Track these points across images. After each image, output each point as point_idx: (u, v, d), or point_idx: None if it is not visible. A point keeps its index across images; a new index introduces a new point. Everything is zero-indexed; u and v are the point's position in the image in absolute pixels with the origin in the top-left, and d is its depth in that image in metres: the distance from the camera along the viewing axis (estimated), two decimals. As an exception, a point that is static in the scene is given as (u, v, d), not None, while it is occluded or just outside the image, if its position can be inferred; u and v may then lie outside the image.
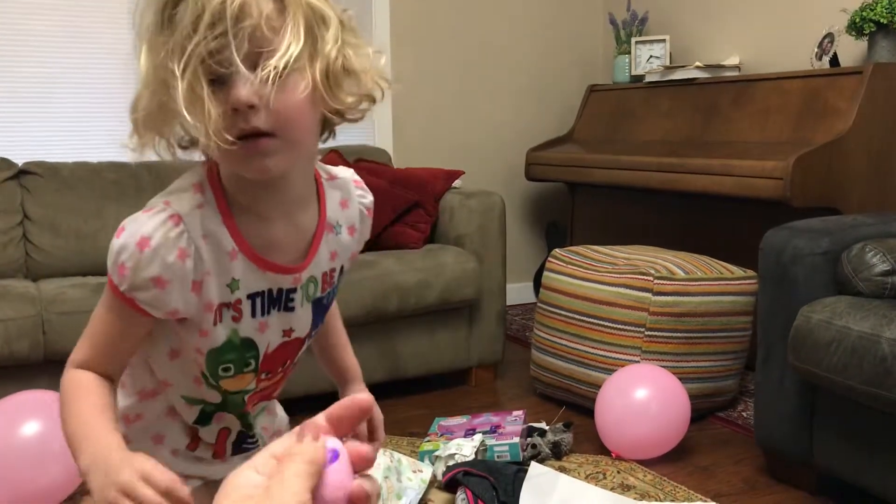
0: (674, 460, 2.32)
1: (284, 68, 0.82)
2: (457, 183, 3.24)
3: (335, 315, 1.21)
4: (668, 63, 3.71)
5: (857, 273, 1.99)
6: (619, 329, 2.53)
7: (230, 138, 0.83)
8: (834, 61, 3.02)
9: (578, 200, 4.06)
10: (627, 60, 3.89)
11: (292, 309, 1.00)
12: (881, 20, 2.80)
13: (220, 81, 0.83)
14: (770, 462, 2.24)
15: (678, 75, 3.50)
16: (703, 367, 2.56)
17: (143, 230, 0.89)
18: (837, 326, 1.86)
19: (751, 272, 2.61)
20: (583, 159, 3.68)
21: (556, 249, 2.88)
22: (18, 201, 2.73)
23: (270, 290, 0.97)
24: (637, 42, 3.84)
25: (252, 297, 0.96)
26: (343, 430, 0.55)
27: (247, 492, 0.50)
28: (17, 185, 2.76)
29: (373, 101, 0.93)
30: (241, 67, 0.81)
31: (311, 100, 0.86)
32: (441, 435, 2.36)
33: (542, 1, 4.16)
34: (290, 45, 0.82)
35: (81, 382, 0.95)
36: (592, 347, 2.58)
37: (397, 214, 3.04)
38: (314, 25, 0.85)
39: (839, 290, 2.03)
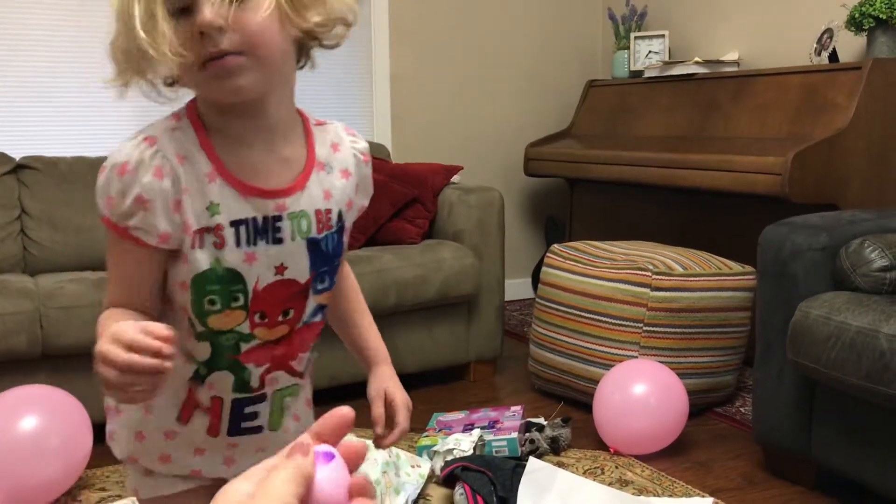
0: (672, 455, 2.32)
1: None
2: (455, 178, 3.24)
3: (354, 289, 1.18)
4: (667, 58, 3.71)
5: (856, 268, 1.99)
6: (618, 324, 2.53)
7: (187, 54, 0.85)
8: (833, 57, 3.01)
9: (577, 196, 4.06)
10: (626, 56, 3.89)
11: (281, 241, 0.96)
12: (880, 15, 2.80)
13: (186, 11, 0.86)
14: (768, 457, 2.24)
15: (677, 71, 3.50)
16: (701, 363, 2.56)
17: (119, 158, 0.91)
18: (836, 322, 1.86)
19: (749, 268, 2.61)
20: (582, 155, 3.68)
21: (555, 245, 2.88)
22: (16, 196, 2.73)
23: (255, 219, 0.95)
24: (636, 37, 3.84)
25: (236, 224, 0.94)
26: (332, 442, 0.56)
27: (236, 499, 0.51)
28: (15, 179, 2.75)
29: (346, 24, 0.94)
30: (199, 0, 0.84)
31: (278, 18, 0.88)
32: (439, 430, 2.36)
33: (541, -4, 4.15)
34: None
35: (106, 314, 0.94)
36: (590, 343, 2.58)
37: (396, 210, 3.04)
38: None
39: (838, 285, 2.03)
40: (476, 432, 2.24)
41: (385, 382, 1.16)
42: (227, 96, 0.90)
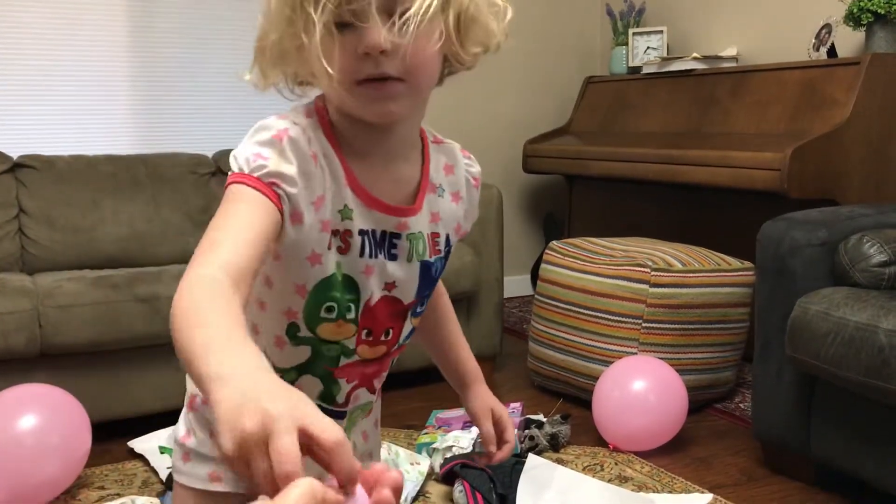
0: (671, 452, 2.32)
1: (423, 16, 0.82)
2: (454, 175, 3.23)
3: (447, 305, 1.18)
4: (665, 54, 3.70)
5: (855, 264, 1.98)
6: (617, 321, 2.53)
7: (351, 73, 0.83)
8: (832, 52, 3.01)
9: (576, 192, 4.05)
10: (625, 52, 3.88)
11: (395, 258, 0.95)
12: (879, 10, 2.79)
13: (348, 25, 0.83)
14: (768, 453, 2.24)
15: (675, 66, 3.49)
16: (700, 359, 2.56)
17: (278, 126, 0.87)
18: (835, 317, 1.86)
19: (748, 263, 2.61)
20: (580, 151, 3.67)
21: (554, 242, 2.88)
22: (14, 195, 2.72)
23: (375, 231, 0.93)
24: (634, 33, 3.83)
25: (363, 233, 0.93)
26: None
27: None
28: (13, 178, 2.74)
29: (486, 49, 0.96)
30: (377, 18, 0.81)
31: (440, 48, 0.87)
32: (439, 427, 2.36)
33: (539, -8, 4.14)
34: None
35: (204, 280, 0.73)
36: (590, 339, 2.58)
37: (394, 207, 3.04)
38: None
39: (836, 281, 2.03)
40: (475, 429, 2.24)
41: (490, 401, 1.18)
42: (376, 118, 0.88)
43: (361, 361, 0.99)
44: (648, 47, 3.78)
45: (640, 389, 2.29)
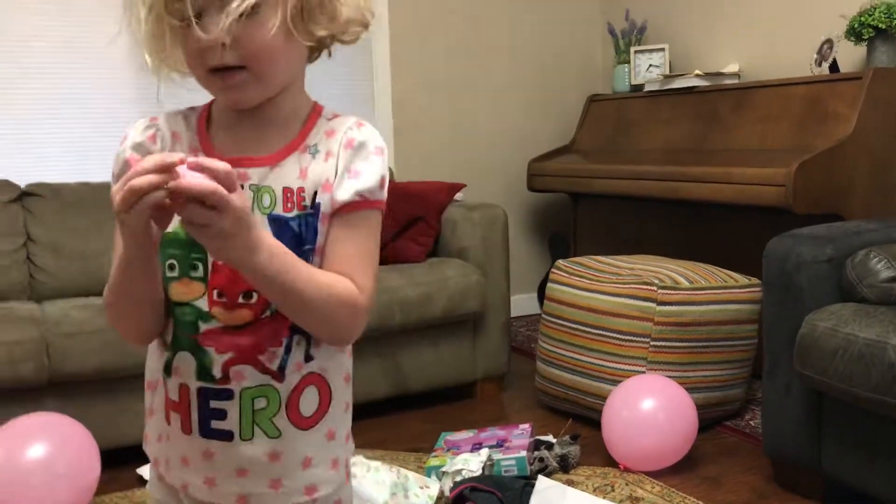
0: (682, 471, 2.30)
1: (247, 8, 0.87)
2: (458, 196, 3.24)
3: (330, 277, 0.99)
4: (667, 72, 3.72)
5: (862, 280, 1.98)
6: (624, 340, 2.52)
7: (186, 70, 0.94)
8: (834, 67, 3.02)
9: (581, 210, 4.06)
10: (627, 70, 3.90)
11: None
12: (880, 25, 2.80)
13: (194, 18, 0.89)
14: (778, 471, 2.23)
15: (678, 84, 3.50)
16: (709, 377, 2.55)
17: (126, 132, 1.01)
18: (843, 334, 1.85)
19: (755, 280, 2.61)
20: (584, 169, 3.68)
21: (560, 260, 2.87)
22: (21, 223, 2.74)
23: None
24: (636, 51, 3.85)
25: None
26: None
27: None
28: (20, 207, 2.76)
29: (362, 25, 0.98)
30: (193, 21, 0.88)
31: (285, 33, 0.91)
32: (448, 450, 2.35)
33: (540, 12, 4.17)
34: None
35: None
36: (598, 359, 2.57)
37: (400, 228, 3.04)
38: None
39: (844, 297, 2.02)
40: (484, 452, 2.23)
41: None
42: (229, 104, 0.97)
43: (226, 329, 0.96)
44: (650, 65, 3.80)
45: (650, 408, 2.28)
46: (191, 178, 0.78)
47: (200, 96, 1.02)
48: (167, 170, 0.78)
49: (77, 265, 2.71)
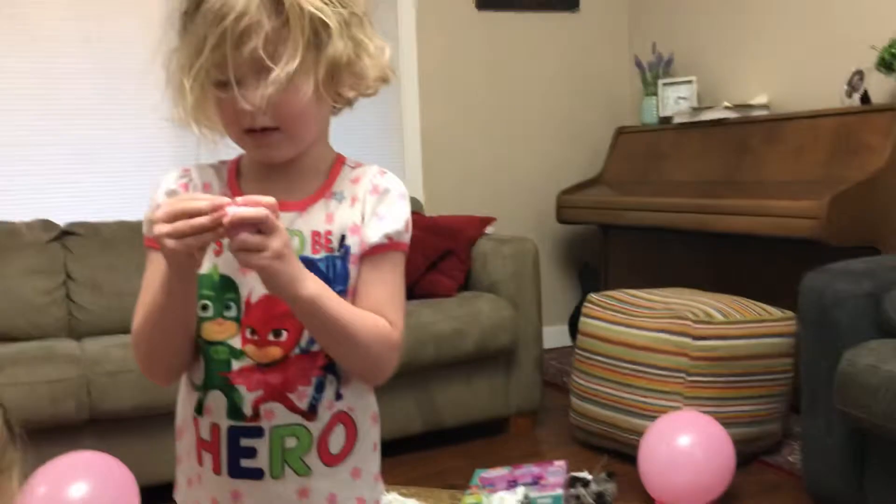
0: (721, 508, 2.28)
1: (286, 79, 0.92)
2: (489, 229, 3.26)
3: (366, 315, 1.01)
4: (695, 104, 3.72)
5: (902, 315, 1.96)
6: (660, 375, 2.51)
7: (242, 130, 0.97)
8: (865, 98, 3.01)
9: (611, 242, 4.06)
10: (655, 102, 3.91)
11: None
12: (911, 56, 2.79)
13: (228, 82, 0.94)
14: (820, 509, 2.20)
15: (707, 116, 3.51)
16: (746, 412, 2.52)
17: (159, 181, 1.06)
18: (884, 371, 1.83)
19: (789, 313, 2.59)
20: (614, 202, 3.68)
21: (592, 294, 2.87)
22: (62, 262, 2.79)
23: None
24: (664, 84, 3.86)
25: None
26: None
27: None
28: (60, 245, 2.81)
29: (384, 82, 1.03)
30: (235, 88, 0.93)
31: (316, 96, 0.96)
32: (483, 487, 2.35)
33: (568, 45, 4.20)
34: (289, 61, 0.92)
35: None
36: (633, 394, 2.56)
37: (430, 263, 3.06)
38: (317, 32, 0.94)
39: (883, 332, 2.00)
40: (520, 489, 2.23)
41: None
42: (263, 160, 1.02)
43: (257, 366, 0.99)
44: (678, 97, 3.81)
45: (687, 445, 2.26)
46: (240, 209, 0.86)
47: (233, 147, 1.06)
48: (218, 209, 0.85)
49: (116, 303, 2.75)
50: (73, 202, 3.18)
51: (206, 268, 0.98)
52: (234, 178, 1.06)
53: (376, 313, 1.00)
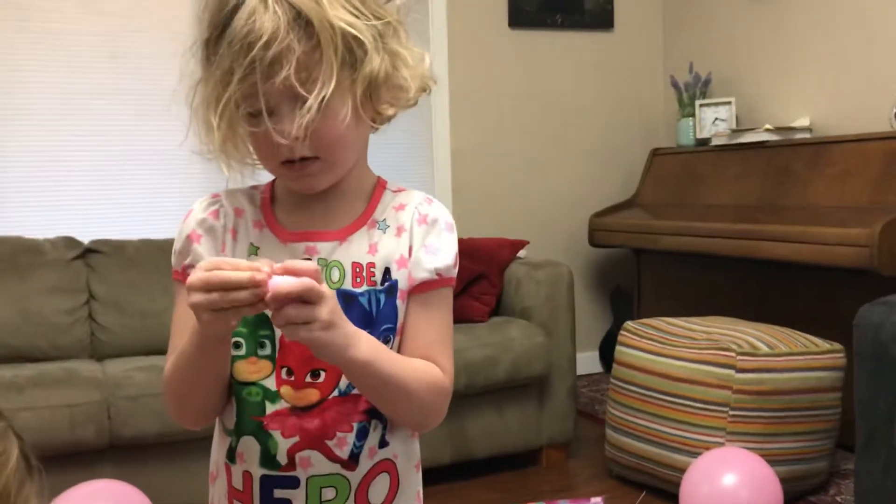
0: (767, 552, 2.16)
1: (320, 104, 0.85)
2: (521, 252, 3.17)
3: (418, 365, 0.96)
4: (734, 125, 3.62)
5: (967, 352, 1.84)
6: (701, 408, 2.40)
7: (279, 161, 0.90)
8: (914, 121, 2.90)
9: (644, 266, 3.95)
10: (692, 123, 3.81)
11: None
12: (965, 79, 2.68)
13: (259, 114, 0.87)
14: (875, 555, 2.07)
15: (747, 138, 3.41)
16: (792, 448, 2.41)
17: (189, 209, 1.00)
18: (951, 412, 1.71)
19: (837, 345, 2.48)
20: (650, 225, 3.58)
21: (629, 322, 2.77)
22: (85, 280, 2.73)
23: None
24: (701, 105, 3.77)
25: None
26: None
27: None
28: (83, 264, 2.76)
29: (425, 91, 0.96)
30: (268, 120, 0.86)
31: (354, 118, 0.89)
32: (516, 523, 2.24)
33: (602, 65, 4.12)
34: (324, 85, 0.85)
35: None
36: (673, 428, 2.45)
37: (462, 287, 2.97)
38: (351, 49, 0.86)
39: (947, 370, 1.88)
40: (557, 528, 2.12)
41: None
42: (302, 191, 0.94)
43: (293, 410, 0.92)
44: (717, 118, 3.71)
45: (732, 484, 2.14)
46: (282, 282, 0.78)
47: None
48: (259, 284, 0.78)
49: (139, 323, 2.69)
50: (96, 220, 3.12)
51: None
52: (269, 205, 0.99)
53: (426, 357, 0.94)
